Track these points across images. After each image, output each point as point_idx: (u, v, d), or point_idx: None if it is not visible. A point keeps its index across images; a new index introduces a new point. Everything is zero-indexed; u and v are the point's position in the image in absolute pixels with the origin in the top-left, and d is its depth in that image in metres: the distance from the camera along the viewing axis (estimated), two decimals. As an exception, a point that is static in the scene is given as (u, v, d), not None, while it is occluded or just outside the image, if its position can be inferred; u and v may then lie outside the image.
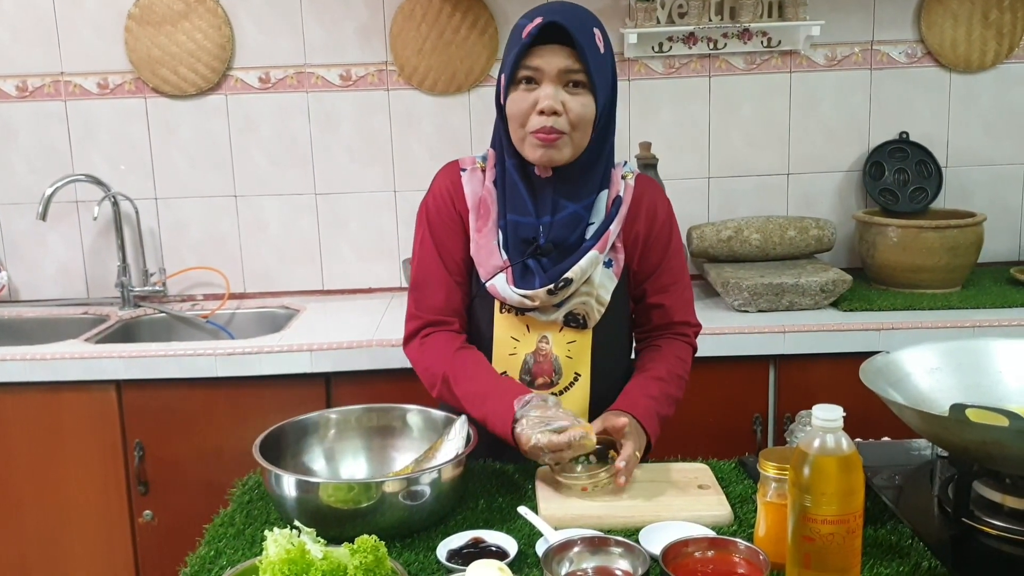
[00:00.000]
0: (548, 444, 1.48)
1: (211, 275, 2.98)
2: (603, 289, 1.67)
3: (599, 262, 1.65)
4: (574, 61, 1.55)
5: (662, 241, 1.73)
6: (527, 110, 1.57)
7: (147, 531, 2.49)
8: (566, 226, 1.63)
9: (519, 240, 1.64)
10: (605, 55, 1.60)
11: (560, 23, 1.53)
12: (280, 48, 2.87)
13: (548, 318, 1.67)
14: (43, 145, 2.92)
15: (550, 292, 1.62)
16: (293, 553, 1.20)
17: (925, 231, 2.64)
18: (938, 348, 1.52)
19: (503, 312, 1.69)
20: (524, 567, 1.34)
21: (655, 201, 1.73)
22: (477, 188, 1.69)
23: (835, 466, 1.15)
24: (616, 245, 1.69)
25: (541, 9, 1.58)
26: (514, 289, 1.63)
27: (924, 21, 2.87)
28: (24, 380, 2.42)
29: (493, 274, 1.65)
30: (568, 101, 1.56)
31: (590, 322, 1.68)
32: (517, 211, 1.65)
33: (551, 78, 1.56)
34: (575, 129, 1.58)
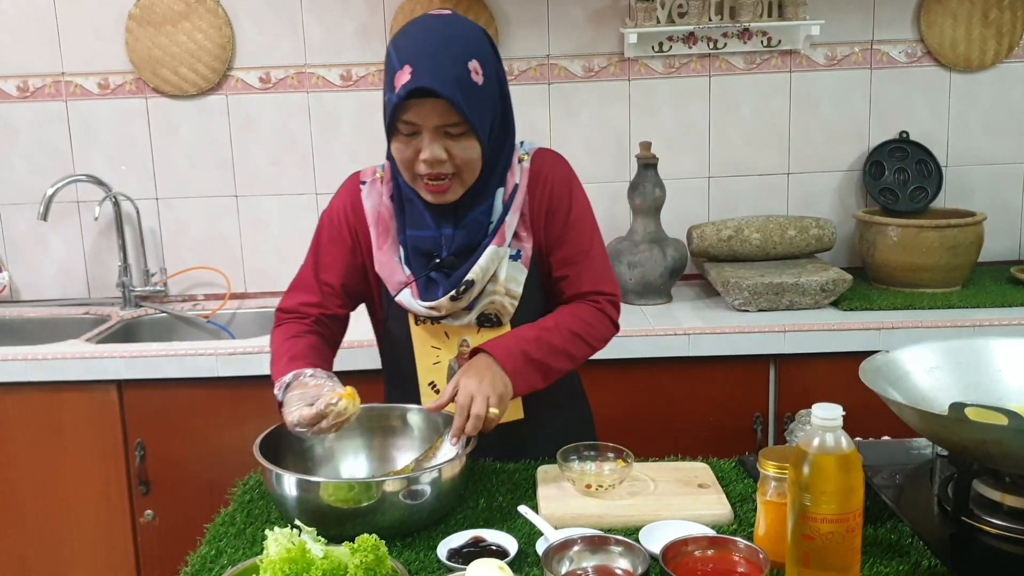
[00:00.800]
0: (300, 420, 1.46)
1: (212, 275, 2.98)
2: (513, 283, 1.65)
3: (501, 257, 1.63)
4: (451, 115, 1.50)
5: (562, 211, 1.68)
6: (411, 158, 1.54)
7: (148, 531, 2.49)
8: (468, 235, 1.62)
9: (419, 254, 1.64)
10: (485, 86, 1.53)
11: (428, 87, 1.46)
12: (280, 48, 2.88)
13: (461, 323, 1.66)
14: (44, 145, 2.93)
15: (453, 299, 1.61)
16: (294, 552, 1.21)
17: (925, 230, 2.65)
18: (937, 347, 1.52)
19: (419, 324, 1.68)
20: (524, 566, 1.34)
21: (551, 173, 1.68)
22: (376, 202, 1.68)
23: (834, 465, 1.16)
24: (521, 234, 1.66)
25: (411, 55, 1.49)
26: (419, 302, 1.63)
27: (924, 20, 2.87)
28: (25, 380, 2.42)
29: (399, 289, 1.65)
30: (451, 147, 1.53)
31: (504, 318, 1.67)
32: (416, 226, 1.63)
33: (430, 131, 1.51)
34: (462, 171, 1.56)
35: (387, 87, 1.54)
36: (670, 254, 2.66)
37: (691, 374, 2.45)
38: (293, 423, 1.49)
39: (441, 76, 1.47)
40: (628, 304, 2.71)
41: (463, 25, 1.56)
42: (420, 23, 1.56)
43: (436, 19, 1.56)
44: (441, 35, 1.52)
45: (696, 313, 2.60)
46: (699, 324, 2.47)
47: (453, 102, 1.48)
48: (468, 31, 1.55)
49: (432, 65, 1.48)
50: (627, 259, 2.67)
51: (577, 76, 2.89)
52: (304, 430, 1.48)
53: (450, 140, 1.53)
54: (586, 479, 1.52)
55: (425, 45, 1.50)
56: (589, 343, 1.67)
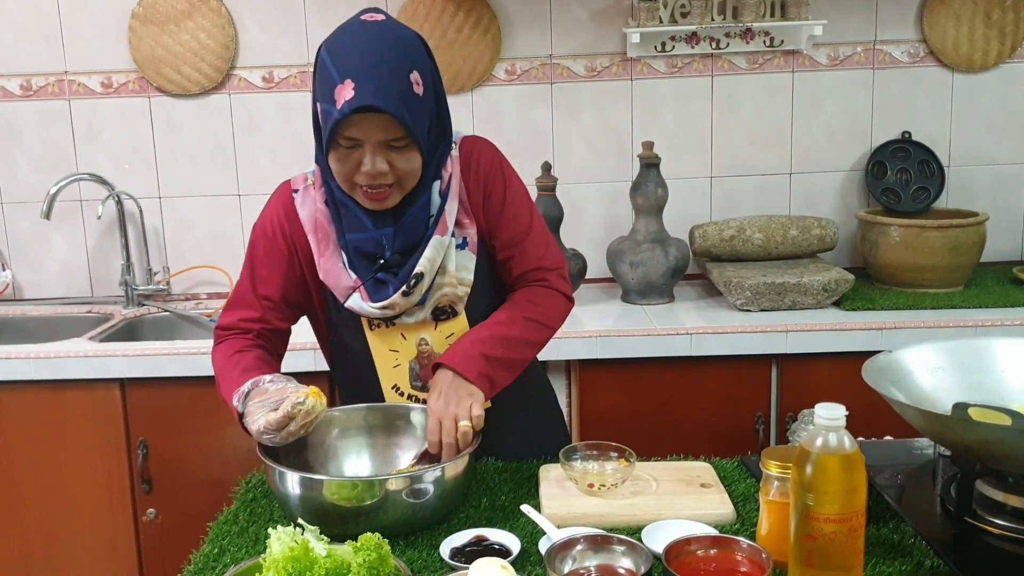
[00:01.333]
0: (267, 425, 1.44)
1: (215, 274, 2.98)
2: (464, 271, 1.63)
3: (446, 246, 1.60)
4: (395, 129, 1.47)
5: (497, 194, 1.66)
6: (352, 171, 1.51)
7: (150, 529, 2.49)
8: (410, 232, 1.59)
9: (362, 256, 1.60)
10: (424, 96, 1.51)
11: (374, 105, 1.43)
12: (283, 47, 2.88)
13: (416, 319, 1.63)
14: (47, 144, 2.93)
15: (405, 294, 1.58)
16: (297, 551, 1.21)
17: (927, 231, 2.65)
18: (940, 347, 1.53)
19: (373, 329, 1.65)
20: (527, 565, 1.34)
21: (480, 157, 1.66)
22: (312, 209, 1.62)
23: (837, 465, 1.16)
24: (463, 221, 1.63)
25: (352, 69, 1.44)
26: (371, 304, 1.59)
27: (926, 21, 2.87)
28: (28, 378, 2.43)
29: (347, 295, 1.61)
30: (393, 160, 1.50)
31: (459, 307, 1.65)
32: (355, 229, 1.59)
33: (372, 145, 1.48)
34: (403, 181, 1.54)
35: (322, 96, 1.49)
36: (672, 254, 2.66)
37: (693, 374, 2.45)
38: (259, 430, 1.45)
39: (385, 92, 1.44)
40: (630, 304, 2.71)
41: (401, 34, 1.51)
42: (356, 31, 1.50)
43: (373, 27, 1.50)
44: (381, 47, 1.47)
45: (698, 313, 2.60)
46: (701, 324, 2.47)
47: (399, 118, 1.46)
48: (406, 40, 1.51)
49: (376, 81, 1.44)
50: (629, 259, 2.67)
51: (580, 76, 2.89)
52: (272, 435, 1.45)
53: (392, 153, 1.50)
54: (589, 478, 1.52)
55: (366, 58, 1.45)
56: (546, 325, 1.66)
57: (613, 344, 2.43)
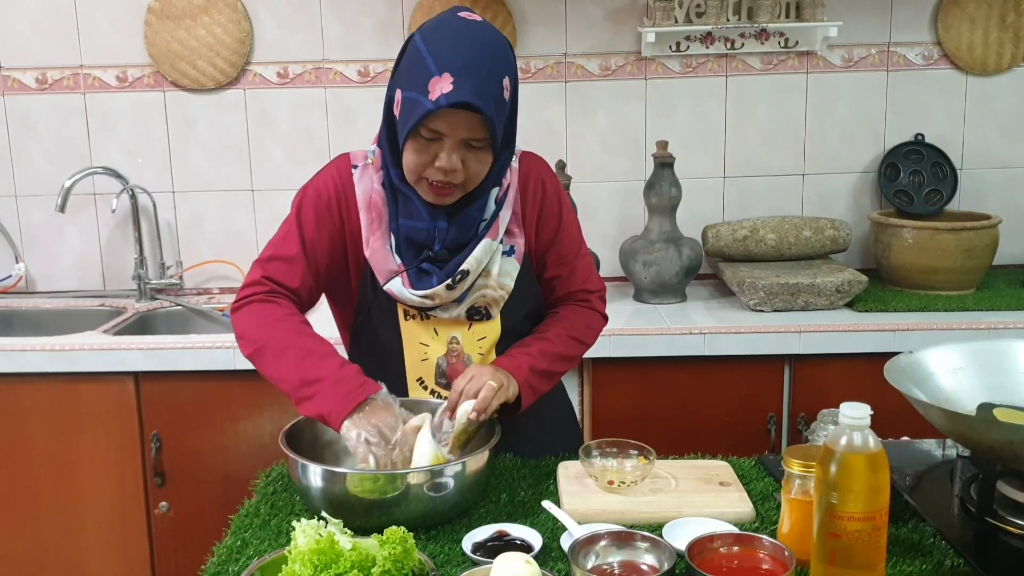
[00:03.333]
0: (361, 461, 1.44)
1: (227, 268, 2.99)
2: (506, 277, 1.65)
3: (494, 250, 1.63)
4: (480, 129, 1.49)
5: (554, 214, 1.70)
6: (426, 163, 1.52)
7: (163, 522, 2.50)
8: (460, 231, 1.60)
9: (411, 244, 1.61)
10: (509, 100, 1.53)
11: (471, 103, 1.44)
12: (298, 43, 2.88)
13: (450, 315, 1.65)
14: (62, 137, 2.94)
15: (448, 287, 1.60)
16: (322, 544, 1.21)
17: (940, 233, 2.65)
18: (961, 348, 1.53)
19: (408, 319, 1.66)
20: (549, 561, 1.35)
21: (541, 176, 1.70)
22: (368, 188, 1.63)
23: (862, 464, 1.16)
24: (513, 230, 1.66)
25: (452, 63, 1.45)
26: (411, 291, 1.60)
27: (941, 23, 2.88)
28: (43, 371, 2.43)
29: (389, 278, 1.61)
30: (467, 160, 1.52)
31: (494, 311, 1.67)
32: (410, 216, 1.60)
33: (453, 141, 1.50)
34: (469, 183, 1.55)
35: (410, 84, 1.49)
36: (685, 253, 2.67)
37: (705, 373, 2.46)
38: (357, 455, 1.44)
39: (484, 93, 1.46)
40: (643, 303, 2.71)
41: (498, 37, 1.53)
42: (457, 26, 1.50)
43: (474, 26, 1.51)
44: (482, 47, 1.49)
45: (711, 313, 2.60)
46: (714, 324, 2.48)
47: (489, 120, 1.47)
48: (504, 45, 1.53)
49: (476, 79, 1.45)
50: (642, 258, 2.67)
51: (594, 75, 2.90)
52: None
53: (468, 152, 1.52)
54: (608, 475, 1.53)
55: (467, 55, 1.46)
56: (584, 343, 1.74)
57: (626, 343, 2.43)
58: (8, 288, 3.00)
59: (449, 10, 1.56)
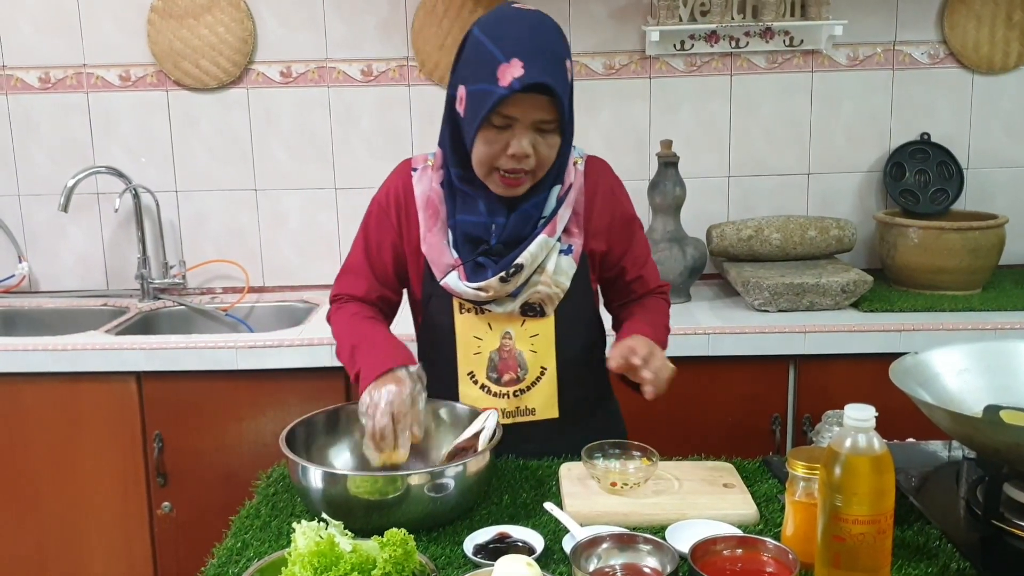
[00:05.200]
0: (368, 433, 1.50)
1: (230, 268, 2.98)
2: (562, 275, 1.67)
3: (550, 247, 1.65)
4: (551, 111, 1.52)
5: (626, 221, 1.76)
6: (498, 152, 1.54)
7: (165, 523, 2.50)
8: (518, 225, 1.63)
9: (468, 239, 1.64)
10: (571, 82, 1.56)
11: (546, 83, 1.47)
12: (302, 42, 2.88)
13: (505, 309, 1.66)
14: (65, 137, 2.93)
15: (503, 280, 1.62)
16: (323, 546, 1.21)
17: (946, 232, 2.63)
18: (967, 349, 1.52)
19: (463, 312, 1.69)
20: (551, 563, 1.34)
21: (611, 184, 1.75)
22: (427, 188, 1.69)
23: (867, 466, 1.15)
24: (572, 230, 1.68)
25: (520, 49, 1.48)
26: (467, 284, 1.63)
27: (947, 22, 2.86)
28: (45, 370, 2.43)
29: (446, 272, 1.65)
30: (538, 144, 1.54)
31: (547, 309, 1.68)
32: (468, 212, 1.64)
33: (525, 125, 1.52)
34: (540, 168, 1.58)
35: (477, 77, 1.51)
36: (690, 253, 2.66)
37: (710, 373, 2.44)
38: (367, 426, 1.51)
39: (553, 72, 1.49)
40: (647, 303, 2.70)
41: (555, 23, 1.56)
42: (515, 16, 1.54)
43: (532, 14, 1.54)
44: (546, 31, 1.52)
45: (715, 313, 2.59)
46: (718, 324, 2.47)
47: (561, 99, 1.50)
48: (560, 30, 1.56)
49: (544, 61, 1.48)
50: (646, 257, 2.66)
51: (598, 73, 2.88)
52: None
53: (539, 136, 1.54)
54: (611, 477, 1.52)
55: (533, 40, 1.49)
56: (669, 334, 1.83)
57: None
58: (11, 288, 3.00)
59: (502, 4, 1.60)
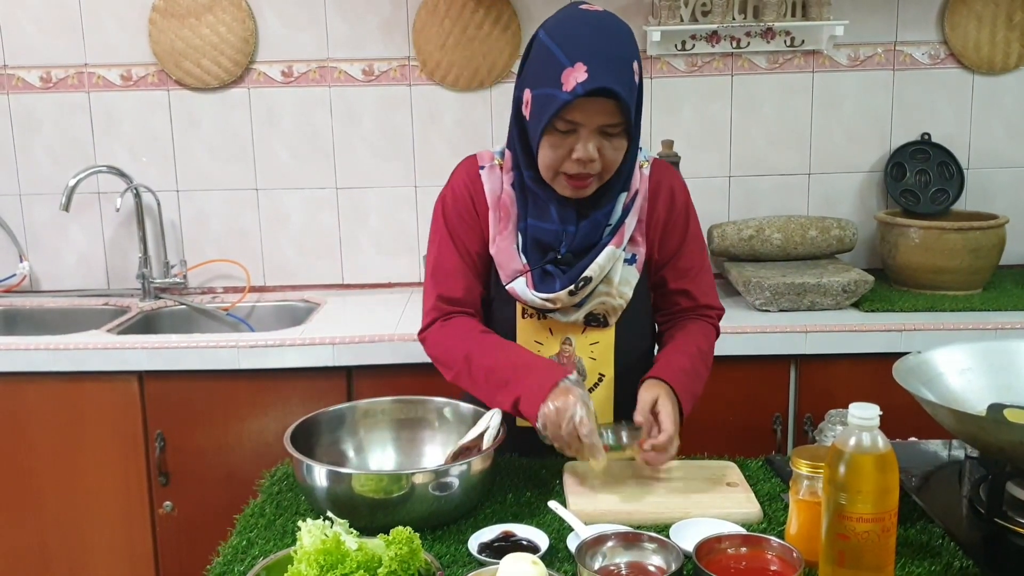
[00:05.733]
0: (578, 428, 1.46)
1: (232, 268, 2.98)
2: (626, 286, 1.66)
3: (617, 258, 1.64)
4: (616, 115, 1.49)
5: (680, 225, 1.71)
6: (563, 157, 1.53)
7: (167, 522, 2.50)
8: (588, 235, 1.62)
9: (537, 245, 1.63)
10: (639, 84, 1.53)
11: (610, 88, 1.45)
12: (303, 42, 2.88)
13: (569, 319, 1.66)
14: (66, 136, 2.93)
15: (571, 293, 1.61)
16: (328, 544, 1.21)
17: (947, 232, 2.64)
18: (970, 348, 1.52)
19: (525, 317, 1.68)
20: (555, 561, 1.34)
21: (672, 185, 1.70)
22: (496, 187, 1.66)
23: (871, 464, 1.15)
24: (636, 238, 1.66)
25: (584, 52, 1.46)
26: (534, 293, 1.61)
27: (948, 22, 2.87)
28: (47, 370, 2.43)
29: (513, 277, 1.63)
30: (604, 148, 1.53)
31: (611, 319, 1.67)
32: (539, 217, 1.62)
33: (590, 130, 1.50)
34: (606, 172, 1.57)
35: (541, 81, 1.50)
36: (691, 253, 2.66)
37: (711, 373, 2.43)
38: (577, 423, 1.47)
39: (618, 77, 1.46)
40: (648, 302, 2.71)
41: (622, 24, 1.53)
42: (581, 18, 1.52)
43: (597, 15, 1.52)
44: (611, 34, 1.50)
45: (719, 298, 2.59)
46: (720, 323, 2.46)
47: (625, 105, 1.48)
48: (629, 31, 1.53)
49: (609, 65, 1.46)
50: (648, 257, 2.66)
51: (599, 74, 2.88)
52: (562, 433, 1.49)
53: (604, 140, 1.52)
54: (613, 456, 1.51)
55: (598, 43, 1.47)
56: (711, 363, 1.75)
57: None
58: (12, 287, 3.00)
59: (569, 5, 1.58)
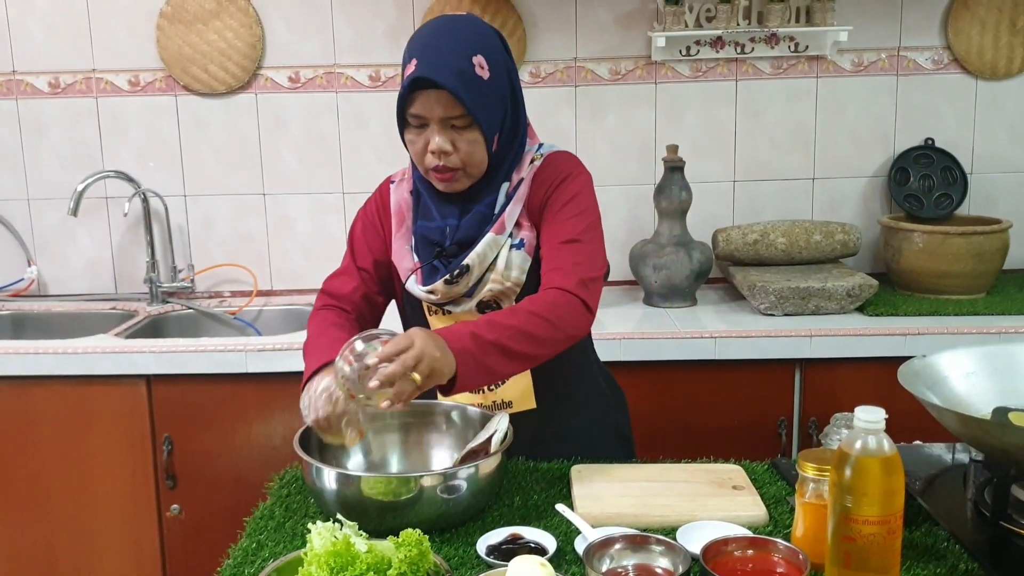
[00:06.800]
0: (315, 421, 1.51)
1: (239, 272, 3.00)
2: (514, 270, 1.66)
3: (499, 245, 1.66)
4: (453, 106, 1.55)
5: (557, 201, 1.65)
6: (421, 150, 1.61)
7: (174, 525, 2.51)
8: (471, 227, 1.67)
9: (426, 243, 1.70)
10: (490, 80, 1.57)
11: (428, 77, 1.52)
12: (310, 48, 2.90)
13: (462, 309, 1.70)
14: (74, 141, 2.95)
15: (447, 282, 1.66)
16: (338, 546, 1.22)
17: (951, 237, 2.65)
18: (974, 352, 1.53)
19: (432, 314, 1.74)
20: (563, 564, 1.35)
21: (558, 168, 1.68)
22: (400, 197, 1.77)
23: (877, 467, 1.16)
24: (522, 223, 1.67)
25: (417, 46, 1.57)
26: (420, 287, 1.69)
27: (951, 28, 2.88)
28: (54, 374, 2.44)
29: (407, 275, 1.72)
30: (456, 140, 1.58)
31: (504, 304, 1.69)
32: (425, 217, 1.71)
33: (436, 122, 1.57)
34: (468, 165, 1.61)
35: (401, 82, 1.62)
36: (696, 257, 2.67)
37: (716, 377, 2.46)
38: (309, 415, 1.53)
39: (442, 68, 1.53)
40: (653, 307, 2.72)
41: (474, 23, 1.63)
42: (433, 22, 1.64)
43: (448, 18, 1.65)
44: (447, 31, 1.59)
45: (721, 317, 2.60)
46: (724, 327, 2.48)
47: (453, 93, 1.53)
48: (477, 28, 1.61)
49: (435, 57, 1.54)
50: (652, 261, 2.67)
51: (604, 79, 2.90)
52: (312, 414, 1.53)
53: (455, 133, 1.58)
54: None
55: (430, 39, 1.58)
56: (553, 323, 1.53)
57: (636, 347, 2.43)
58: (20, 291, 3.01)
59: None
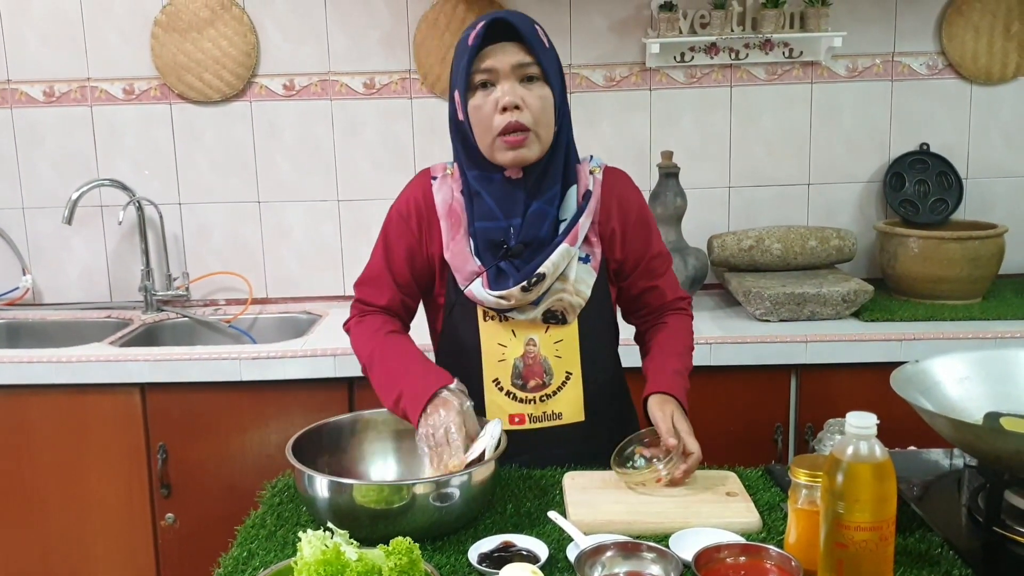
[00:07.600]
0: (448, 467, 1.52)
1: (234, 280, 3.00)
2: (582, 284, 1.69)
3: (571, 256, 1.67)
4: (525, 54, 1.59)
5: (642, 231, 1.77)
6: (490, 112, 1.60)
7: (169, 534, 2.50)
8: (535, 224, 1.65)
9: (489, 244, 1.67)
10: (550, 49, 1.64)
11: (505, 19, 1.58)
12: (305, 56, 2.90)
13: (527, 317, 1.69)
14: (69, 150, 2.95)
15: (524, 289, 1.64)
16: (328, 554, 1.21)
17: (946, 242, 2.65)
18: (967, 358, 1.53)
19: (487, 320, 1.71)
20: (555, 571, 1.34)
21: (625, 194, 1.76)
22: (447, 196, 1.72)
23: (869, 473, 1.16)
24: (591, 239, 1.71)
25: (482, 17, 1.63)
26: (489, 291, 1.66)
27: (945, 33, 2.88)
28: (49, 382, 2.44)
29: (470, 280, 1.68)
30: (526, 95, 1.59)
31: (569, 317, 1.70)
32: (484, 218, 1.67)
33: (506, 75, 1.59)
34: (538, 123, 1.61)
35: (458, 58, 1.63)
36: (691, 263, 2.67)
37: (712, 383, 2.45)
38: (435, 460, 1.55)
39: (514, 17, 1.60)
40: (648, 313, 2.71)
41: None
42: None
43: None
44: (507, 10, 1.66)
45: (716, 323, 2.60)
46: (720, 333, 2.48)
47: (528, 39, 1.58)
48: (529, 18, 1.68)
49: (505, 14, 1.60)
50: (648, 268, 2.67)
51: (598, 85, 2.90)
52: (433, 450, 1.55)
53: (525, 88, 1.59)
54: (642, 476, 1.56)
55: (494, 12, 1.63)
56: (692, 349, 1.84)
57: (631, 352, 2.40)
58: (15, 300, 3.01)
59: None
